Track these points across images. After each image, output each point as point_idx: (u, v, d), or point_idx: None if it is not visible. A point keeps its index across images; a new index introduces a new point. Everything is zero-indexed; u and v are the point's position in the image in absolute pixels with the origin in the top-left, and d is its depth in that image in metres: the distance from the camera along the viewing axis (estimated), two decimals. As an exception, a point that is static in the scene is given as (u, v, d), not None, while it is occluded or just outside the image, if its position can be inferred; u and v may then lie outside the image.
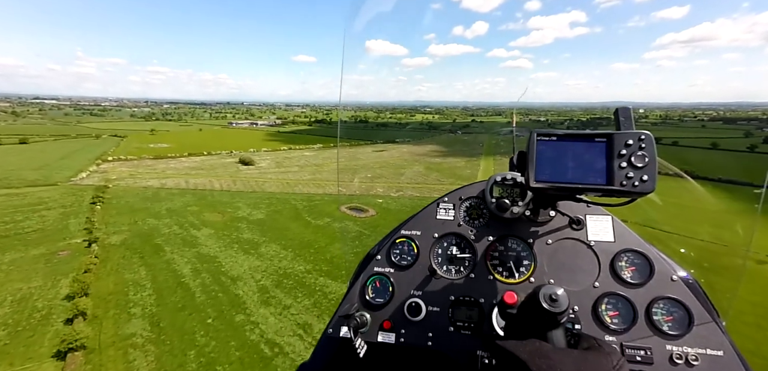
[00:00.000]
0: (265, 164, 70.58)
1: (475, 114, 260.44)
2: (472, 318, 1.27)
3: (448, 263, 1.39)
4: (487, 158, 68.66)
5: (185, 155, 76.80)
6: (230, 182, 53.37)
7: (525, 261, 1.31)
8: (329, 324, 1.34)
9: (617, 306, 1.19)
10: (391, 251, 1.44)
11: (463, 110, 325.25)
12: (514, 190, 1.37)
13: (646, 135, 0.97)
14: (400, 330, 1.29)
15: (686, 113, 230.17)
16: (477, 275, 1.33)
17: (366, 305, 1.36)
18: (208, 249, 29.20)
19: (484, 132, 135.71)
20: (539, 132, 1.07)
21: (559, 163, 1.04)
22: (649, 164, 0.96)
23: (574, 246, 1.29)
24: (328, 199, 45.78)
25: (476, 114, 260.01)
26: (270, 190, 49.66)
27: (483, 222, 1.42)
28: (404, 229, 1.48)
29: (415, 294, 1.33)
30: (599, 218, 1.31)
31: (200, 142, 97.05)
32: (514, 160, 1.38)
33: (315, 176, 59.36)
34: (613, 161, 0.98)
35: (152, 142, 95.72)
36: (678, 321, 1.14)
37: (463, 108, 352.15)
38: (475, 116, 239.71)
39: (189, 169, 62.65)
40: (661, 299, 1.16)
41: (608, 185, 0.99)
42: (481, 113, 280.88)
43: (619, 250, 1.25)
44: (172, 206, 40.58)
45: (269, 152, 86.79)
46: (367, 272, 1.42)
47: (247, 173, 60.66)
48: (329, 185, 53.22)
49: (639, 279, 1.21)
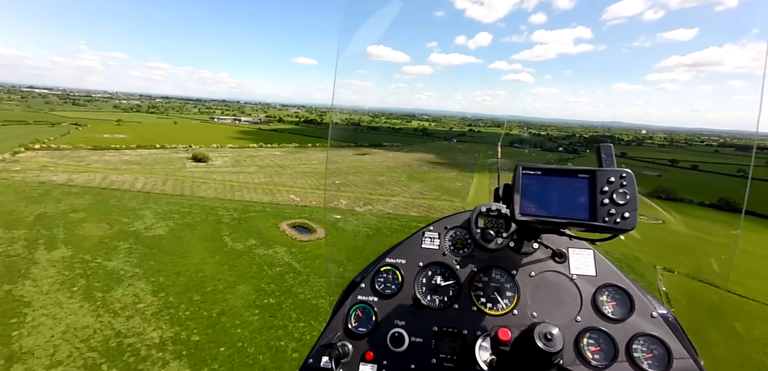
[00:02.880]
0: (220, 161, 60.13)
1: (473, 124, 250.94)
2: (455, 350, 1.25)
3: (432, 292, 1.38)
4: (482, 172, 58.55)
5: (133, 147, 66.24)
6: (160, 182, 42.80)
7: (508, 292, 1.31)
8: (310, 353, 1.30)
9: (599, 342, 1.19)
10: (376, 279, 1.43)
11: (461, 120, 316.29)
12: (499, 221, 1.39)
13: (628, 173, 1.01)
14: (382, 361, 1.25)
15: (690, 137, 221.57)
16: (460, 306, 1.32)
17: (348, 334, 1.33)
18: (27, 290, 18.54)
19: (481, 142, 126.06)
20: (525, 166, 1.10)
21: (543, 197, 1.07)
22: (631, 201, 0.99)
23: (557, 279, 1.30)
24: (272, 210, 35.32)
25: (474, 125, 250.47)
26: (203, 194, 39.12)
27: (467, 252, 1.42)
28: (389, 257, 1.48)
29: (399, 324, 1.31)
30: (581, 251, 1.32)
31: (163, 135, 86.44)
32: (500, 192, 1.32)
33: (271, 180, 48.91)
34: (595, 197, 1.01)
35: (111, 132, 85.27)
36: (657, 359, 1.13)
37: (461, 118, 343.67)
38: (473, 126, 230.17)
39: (123, 163, 52.06)
40: (642, 335, 1.17)
41: (591, 221, 1.01)
42: (479, 123, 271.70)
43: (601, 284, 1.27)
44: (50, 211, 29.93)
45: (235, 148, 76.42)
46: (351, 301, 1.40)
47: (190, 172, 50.10)
48: (283, 192, 42.79)
49: (620, 314, 1.22)
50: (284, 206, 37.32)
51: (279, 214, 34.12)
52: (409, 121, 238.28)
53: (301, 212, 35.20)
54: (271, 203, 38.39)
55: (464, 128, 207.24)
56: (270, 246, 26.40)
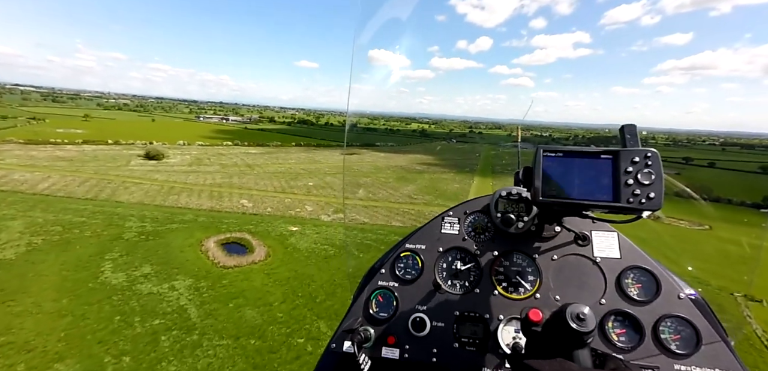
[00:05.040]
0: (178, 159, 51.20)
1: (473, 127, 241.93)
2: (477, 334, 1.23)
3: (453, 277, 1.35)
4: (485, 176, 49.52)
5: (79, 142, 57.35)
6: (77, 182, 33.81)
7: (530, 277, 1.28)
8: (333, 338, 1.29)
9: (624, 324, 1.17)
10: (396, 264, 1.40)
11: (462, 123, 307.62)
12: (520, 205, 1.35)
13: (653, 152, 0.97)
14: (404, 346, 1.25)
15: (692, 138, 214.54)
16: (482, 291, 1.30)
17: (370, 319, 1.32)
18: None
19: (482, 142, 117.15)
20: (545, 148, 1.06)
21: (565, 179, 1.04)
22: (656, 181, 0.95)
23: (580, 262, 1.26)
24: (206, 220, 26.28)
25: (475, 127, 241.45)
26: (125, 198, 30.12)
27: (488, 237, 1.39)
28: (409, 242, 1.44)
29: (420, 309, 1.30)
30: (605, 234, 1.29)
31: (128, 131, 77.56)
32: (520, 175, 1.26)
33: (229, 181, 39.89)
34: (619, 177, 0.98)
35: (68, 128, 76.53)
36: (686, 340, 1.11)
37: (462, 121, 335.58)
38: (474, 128, 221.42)
39: (52, 159, 43.11)
40: (669, 317, 1.14)
41: (615, 202, 0.98)
42: (480, 126, 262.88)
43: (626, 267, 1.23)
44: None
45: (205, 146, 67.45)
46: (371, 286, 1.38)
47: (129, 171, 41.13)
48: (236, 196, 33.77)
49: (645, 296, 1.18)
50: (227, 214, 28.25)
51: (213, 225, 25.05)
52: (408, 124, 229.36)
53: (247, 222, 26.16)
54: (212, 209, 29.33)
55: (465, 129, 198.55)
56: (168, 278, 17.32)
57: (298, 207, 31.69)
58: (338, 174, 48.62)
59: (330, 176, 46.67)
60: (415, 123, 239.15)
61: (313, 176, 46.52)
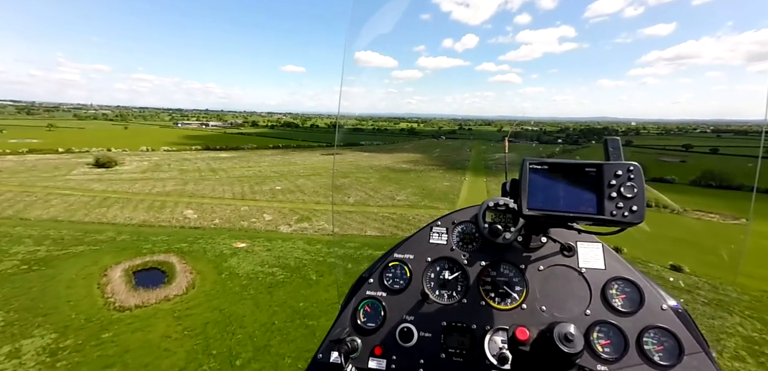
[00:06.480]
0: (134, 165, 45.46)
1: (463, 124, 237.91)
2: (464, 345, 1.23)
3: (441, 287, 1.35)
4: (477, 175, 44.63)
5: (24, 152, 51.21)
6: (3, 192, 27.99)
7: (517, 287, 1.29)
8: (319, 348, 1.28)
9: (609, 335, 1.17)
10: (384, 274, 1.40)
11: (451, 121, 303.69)
12: (507, 216, 1.36)
13: (635, 166, 0.98)
14: (391, 356, 1.24)
15: (682, 126, 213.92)
16: (470, 301, 1.30)
17: (357, 329, 1.31)
18: None
19: (472, 138, 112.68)
20: (531, 161, 1.07)
21: (550, 191, 1.05)
22: (638, 195, 0.97)
23: (566, 273, 1.28)
24: (129, 237, 20.81)
25: (464, 124, 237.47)
26: (39, 213, 24.46)
27: (475, 247, 1.39)
28: (397, 252, 1.44)
29: (408, 319, 1.30)
30: (590, 245, 1.31)
31: (87, 140, 71.26)
32: (507, 186, 1.27)
33: (182, 188, 34.30)
34: (603, 191, 0.99)
35: (21, 138, 69.99)
36: (668, 351, 1.12)
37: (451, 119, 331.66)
38: (464, 125, 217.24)
39: (-23, 171, 37.01)
40: (652, 328, 1.15)
41: (599, 215, 0.99)
42: (470, 123, 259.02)
43: (610, 278, 1.24)
44: None
45: (170, 151, 61.61)
46: (359, 296, 1.37)
47: (62, 181, 35.31)
48: (182, 205, 28.25)
49: (629, 307, 1.20)
50: (160, 230, 22.75)
51: (133, 245, 19.57)
52: (397, 123, 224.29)
53: (181, 239, 20.73)
54: (144, 223, 23.78)
55: (454, 126, 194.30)
56: (20, 335, 11.86)
57: (255, 217, 26.28)
58: (313, 176, 43.28)
59: (303, 178, 41.31)
60: (404, 122, 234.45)
61: (283, 179, 41.08)
